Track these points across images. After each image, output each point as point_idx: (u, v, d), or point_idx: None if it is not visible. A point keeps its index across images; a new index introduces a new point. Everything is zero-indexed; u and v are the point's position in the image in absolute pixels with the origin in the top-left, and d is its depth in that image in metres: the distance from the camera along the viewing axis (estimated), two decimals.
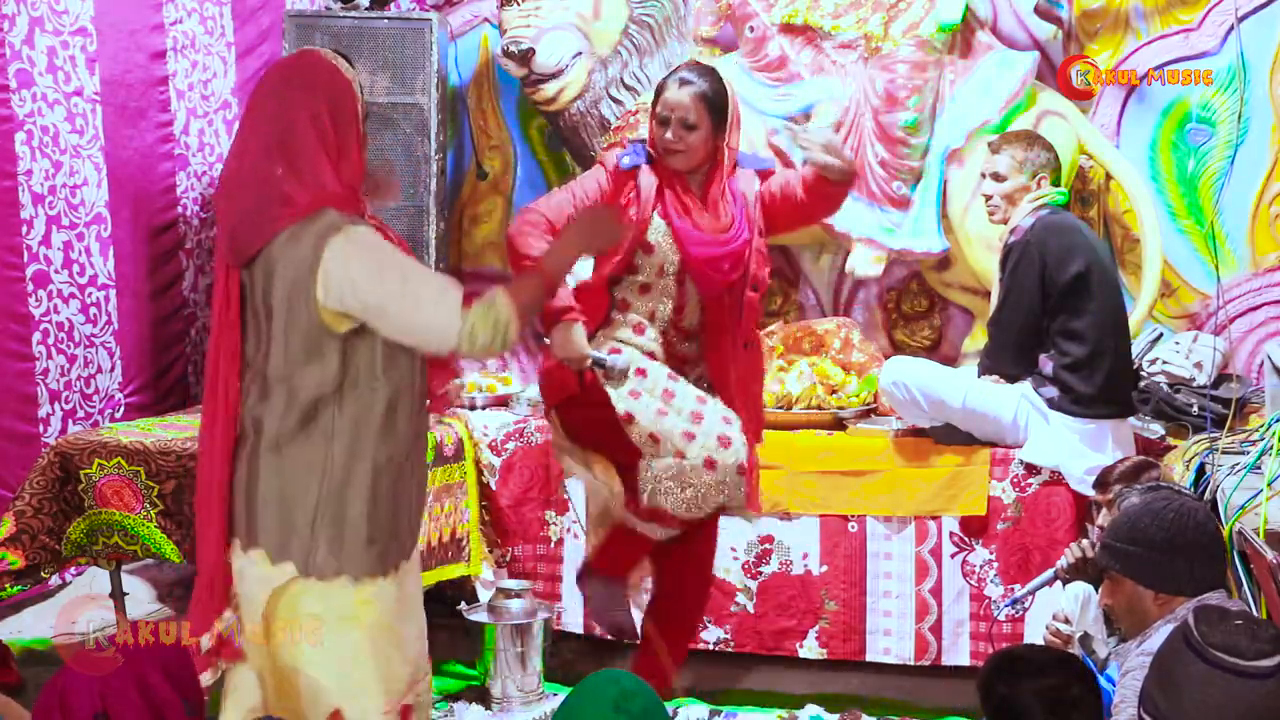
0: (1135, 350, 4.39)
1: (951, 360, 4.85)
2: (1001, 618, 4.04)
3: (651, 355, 3.45)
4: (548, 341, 3.36)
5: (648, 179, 3.41)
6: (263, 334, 2.57)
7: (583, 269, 3.37)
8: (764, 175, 3.56)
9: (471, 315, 2.49)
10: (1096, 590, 3.02)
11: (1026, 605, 3.88)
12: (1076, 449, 3.96)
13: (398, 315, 2.48)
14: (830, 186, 3.43)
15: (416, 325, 2.49)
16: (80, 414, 4.62)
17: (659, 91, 3.42)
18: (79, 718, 2.01)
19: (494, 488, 4.45)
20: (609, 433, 3.40)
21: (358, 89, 2.59)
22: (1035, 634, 3.63)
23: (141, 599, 4.61)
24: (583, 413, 3.46)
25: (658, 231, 3.40)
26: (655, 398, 3.37)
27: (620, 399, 3.37)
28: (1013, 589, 3.97)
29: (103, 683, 2.03)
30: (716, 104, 3.39)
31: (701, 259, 3.38)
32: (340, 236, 2.47)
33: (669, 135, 3.36)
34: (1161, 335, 4.76)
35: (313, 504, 2.56)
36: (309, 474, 2.56)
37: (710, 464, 3.34)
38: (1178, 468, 3.61)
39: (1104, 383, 3.95)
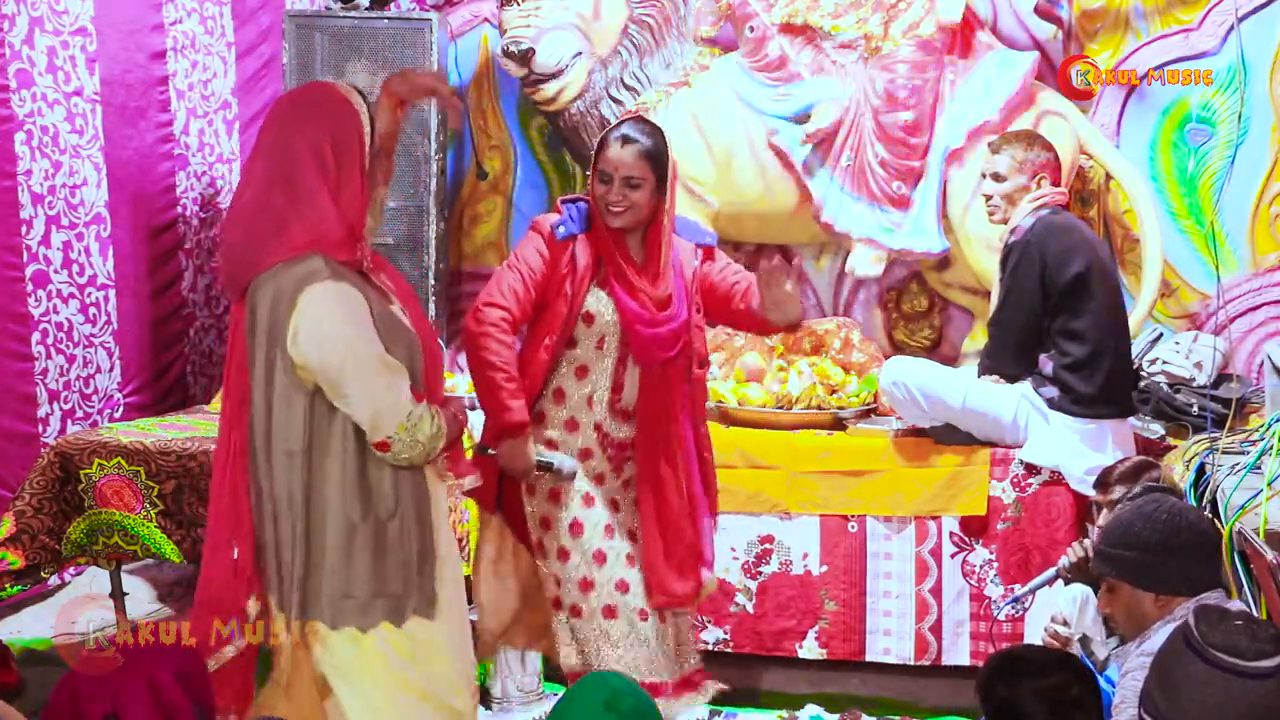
0: (1135, 350, 4.38)
1: (951, 360, 4.85)
2: (1001, 618, 4.04)
3: (586, 453, 3.36)
4: (491, 452, 3.28)
5: (583, 250, 3.30)
6: (252, 369, 2.56)
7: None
8: (706, 252, 3.49)
9: (420, 410, 2.49)
10: (1096, 592, 3.02)
11: (1026, 605, 3.88)
12: (1076, 449, 3.96)
13: (353, 385, 2.46)
14: (769, 327, 3.41)
15: (366, 400, 2.47)
16: (79, 414, 4.62)
17: (600, 147, 3.31)
18: (89, 716, 2.01)
19: None
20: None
21: (366, 122, 2.54)
22: (1035, 634, 3.63)
23: (141, 599, 4.61)
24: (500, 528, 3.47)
25: (598, 301, 3.30)
26: (564, 531, 3.34)
27: (533, 526, 3.36)
28: (1013, 589, 3.97)
29: (115, 684, 2.03)
30: (659, 161, 3.28)
31: (645, 338, 3.29)
32: (320, 287, 2.43)
33: (612, 195, 3.26)
34: (1161, 335, 4.76)
35: (288, 551, 2.56)
36: (283, 519, 2.57)
37: (610, 611, 3.32)
38: (1178, 468, 3.61)
39: (1104, 383, 3.95)
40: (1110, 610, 2.76)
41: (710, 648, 4.24)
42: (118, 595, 4.06)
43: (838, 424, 4.39)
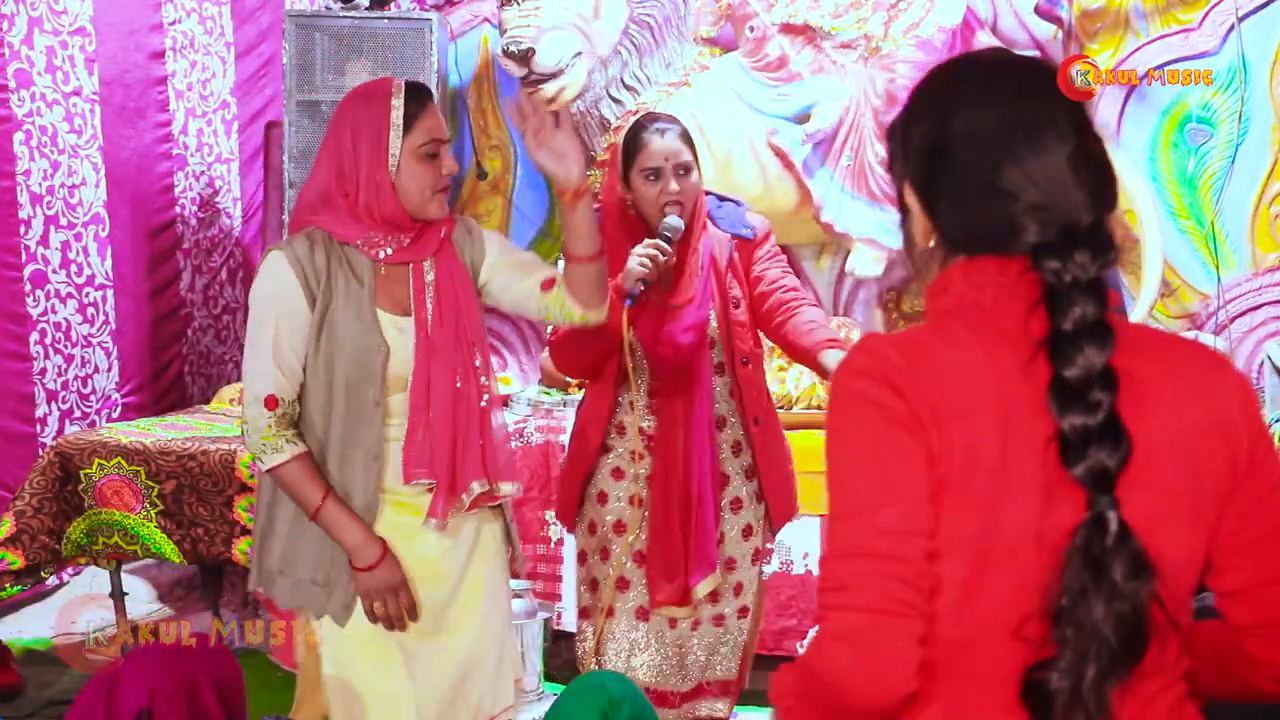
0: None
1: None
2: None
3: (638, 456, 3.15)
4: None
5: None
6: None
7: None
8: (742, 245, 3.20)
9: (257, 416, 2.43)
10: None
11: None
12: None
13: (245, 356, 2.52)
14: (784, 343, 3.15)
15: (245, 379, 2.50)
16: (77, 414, 4.62)
17: (637, 147, 3.05)
18: (123, 709, 2.01)
19: None
20: None
21: (400, 116, 2.53)
22: None
23: (141, 599, 4.61)
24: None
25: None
26: (609, 530, 3.19)
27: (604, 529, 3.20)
28: None
29: (155, 682, 2.03)
30: (693, 145, 3.14)
31: (648, 336, 3.07)
32: (272, 255, 2.50)
33: (673, 186, 3.01)
34: None
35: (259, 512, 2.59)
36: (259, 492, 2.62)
37: (643, 614, 3.20)
38: None
39: None
40: None
41: None
42: (118, 595, 4.05)
43: None
